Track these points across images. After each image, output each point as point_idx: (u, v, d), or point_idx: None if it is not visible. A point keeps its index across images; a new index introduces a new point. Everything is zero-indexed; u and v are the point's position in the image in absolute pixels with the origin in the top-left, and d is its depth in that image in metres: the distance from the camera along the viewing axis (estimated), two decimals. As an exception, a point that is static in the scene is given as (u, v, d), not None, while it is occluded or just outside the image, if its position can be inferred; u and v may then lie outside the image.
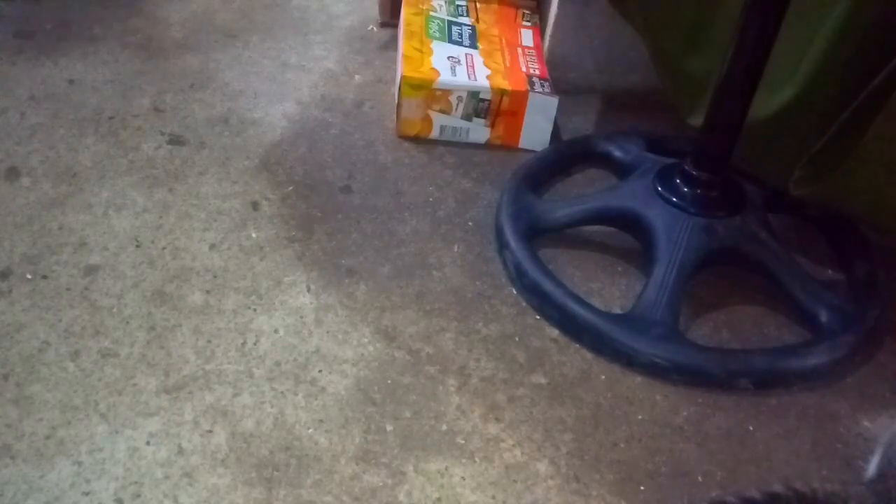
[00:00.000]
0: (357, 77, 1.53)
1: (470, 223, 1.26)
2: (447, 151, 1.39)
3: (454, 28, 1.49)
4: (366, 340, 1.08)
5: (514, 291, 1.16)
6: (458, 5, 1.55)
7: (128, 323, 1.06)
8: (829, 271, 1.25)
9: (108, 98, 1.40)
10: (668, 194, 1.18)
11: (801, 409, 1.06)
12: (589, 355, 1.09)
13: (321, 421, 0.98)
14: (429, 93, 1.35)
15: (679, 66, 1.31)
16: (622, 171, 1.33)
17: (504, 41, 1.48)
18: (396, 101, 1.39)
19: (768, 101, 1.17)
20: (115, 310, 1.07)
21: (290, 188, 1.28)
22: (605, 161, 1.37)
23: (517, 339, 1.10)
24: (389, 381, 1.03)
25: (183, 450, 0.93)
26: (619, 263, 1.22)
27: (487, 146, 1.40)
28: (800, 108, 1.16)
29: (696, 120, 1.23)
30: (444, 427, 0.99)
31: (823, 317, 1.13)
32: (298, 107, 1.44)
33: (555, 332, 1.11)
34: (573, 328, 1.11)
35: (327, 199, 1.27)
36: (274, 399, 1.00)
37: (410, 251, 1.20)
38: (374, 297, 1.13)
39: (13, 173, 1.25)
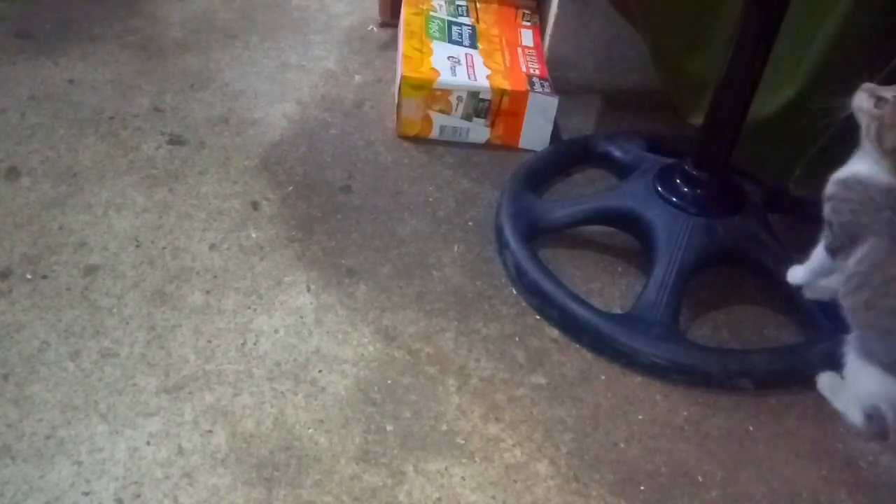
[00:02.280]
0: (357, 77, 1.53)
1: (470, 223, 1.26)
2: (447, 151, 1.39)
3: (454, 28, 1.49)
4: (366, 340, 1.08)
5: (514, 291, 1.16)
6: (458, 5, 1.55)
7: (128, 323, 1.06)
8: (829, 271, 1.25)
9: (108, 98, 1.40)
10: (668, 194, 1.18)
11: (801, 409, 1.06)
12: (589, 355, 1.09)
13: (321, 421, 0.98)
14: (429, 93, 1.35)
15: (679, 66, 1.31)
16: (622, 171, 1.33)
17: (504, 41, 1.48)
18: (396, 101, 1.39)
19: (768, 101, 1.17)
20: (115, 310, 1.07)
21: (290, 188, 1.28)
22: (605, 161, 1.37)
23: (517, 339, 1.10)
24: (389, 381, 1.03)
25: (183, 450, 0.93)
26: (619, 263, 1.22)
27: (487, 146, 1.40)
28: (800, 108, 1.16)
29: (697, 120, 1.23)
30: (444, 427, 0.99)
31: (823, 317, 1.12)
32: (298, 107, 1.44)
33: (555, 332, 1.11)
34: (573, 328, 1.11)
35: (327, 199, 1.27)
36: (274, 399, 1.00)
37: (410, 251, 1.20)
38: (374, 297, 1.13)
39: (13, 173, 1.25)
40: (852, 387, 0.99)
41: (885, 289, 0.93)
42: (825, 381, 1.06)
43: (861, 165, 0.95)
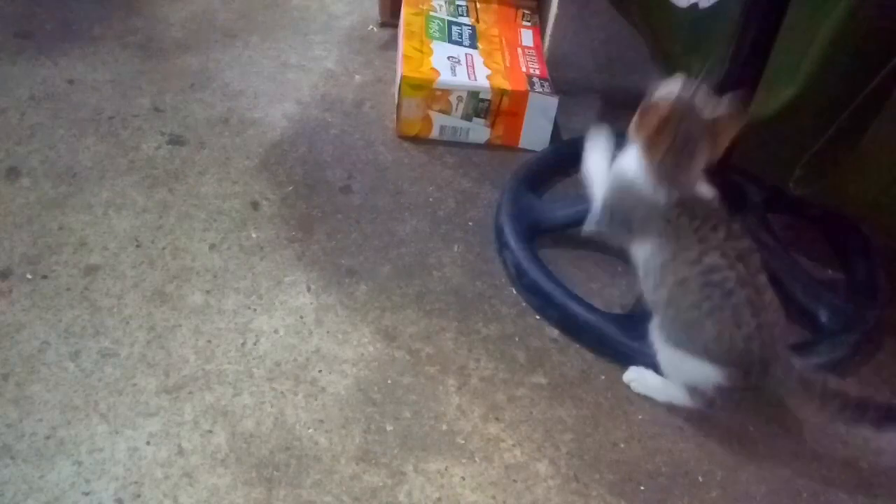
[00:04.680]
0: (357, 77, 1.53)
1: (470, 223, 1.26)
2: (447, 151, 1.39)
3: (454, 28, 1.49)
4: (366, 340, 1.08)
5: (514, 291, 1.16)
6: (458, 5, 1.55)
7: (128, 323, 1.06)
8: (829, 271, 1.25)
9: (108, 98, 1.40)
10: (668, 194, 1.17)
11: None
12: (589, 355, 1.09)
13: (321, 421, 0.98)
14: (429, 93, 1.35)
15: (679, 66, 1.31)
16: (622, 171, 1.33)
17: (504, 41, 1.48)
18: (396, 101, 1.39)
19: (768, 101, 1.17)
20: (115, 310, 1.07)
21: (290, 188, 1.28)
22: (605, 161, 1.37)
23: (517, 339, 1.10)
24: (389, 381, 1.03)
25: (183, 450, 0.93)
26: (619, 263, 1.22)
27: (487, 146, 1.40)
28: (800, 108, 1.16)
29: (697, 120, 1.23)
30: (444, 427, 0.99)
31: (823, 317, 1.13)
32: (298, 107, 1.44)
33: (555, 332, 1.11)
34: (573, 328, 1.11)
35: (327, 199, 1.27)
36: (274, 399, 1.00)
37: (410, 251, 1.20)
38: (374, 297, 1.13)
39: (13, 173, 1.25)
40: (669, 371, 1.01)
41: (679, 289, 0.95)
42: (634, 376, 1.06)
43: (630, 161, 0.98)
